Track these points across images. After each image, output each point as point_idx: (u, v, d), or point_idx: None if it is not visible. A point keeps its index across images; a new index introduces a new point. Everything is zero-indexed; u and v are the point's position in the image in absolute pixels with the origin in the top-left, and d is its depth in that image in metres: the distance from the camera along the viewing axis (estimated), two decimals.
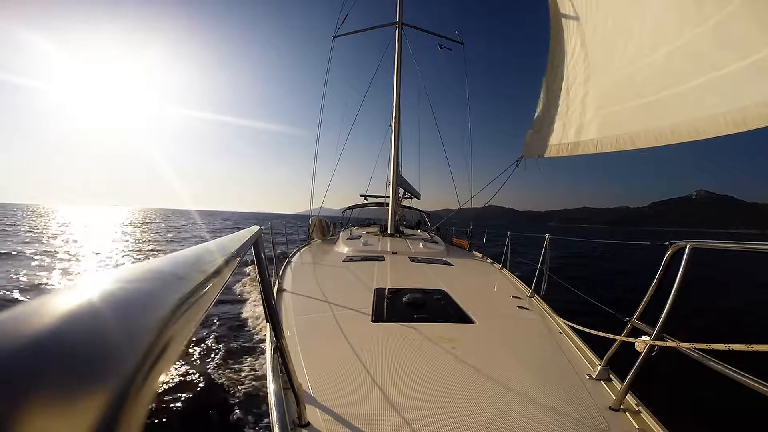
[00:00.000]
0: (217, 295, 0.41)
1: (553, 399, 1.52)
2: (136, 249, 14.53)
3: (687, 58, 2.26)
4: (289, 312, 2.47)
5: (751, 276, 12.69)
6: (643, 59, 2.58)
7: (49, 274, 8.27)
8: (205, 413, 2.84)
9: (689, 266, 1.34)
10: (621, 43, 2.81)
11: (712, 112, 2.09)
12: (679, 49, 2.30)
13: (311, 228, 7.25)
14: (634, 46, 2.68)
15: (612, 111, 2.89)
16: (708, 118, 2.11)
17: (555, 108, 3.50)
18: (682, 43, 2.29)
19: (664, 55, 2.40)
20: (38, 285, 7.14)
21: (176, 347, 0.23)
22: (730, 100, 1.99)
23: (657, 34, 2.49)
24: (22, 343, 0.14)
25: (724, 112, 2.01)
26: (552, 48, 3.60)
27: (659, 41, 2.46)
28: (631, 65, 2.69)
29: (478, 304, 2.79)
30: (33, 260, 9.81)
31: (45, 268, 9.04)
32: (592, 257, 17.02)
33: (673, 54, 2.35)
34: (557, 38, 3.51)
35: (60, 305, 0.18)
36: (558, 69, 3.50)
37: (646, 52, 2.56)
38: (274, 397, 1.29)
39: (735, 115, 1.95)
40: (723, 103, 2.03)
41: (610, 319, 2.02)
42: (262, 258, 1.10)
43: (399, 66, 7.78)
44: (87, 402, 0.14)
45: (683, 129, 2.26)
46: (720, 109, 2.04)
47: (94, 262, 10.77)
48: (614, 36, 2.89)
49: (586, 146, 3.13)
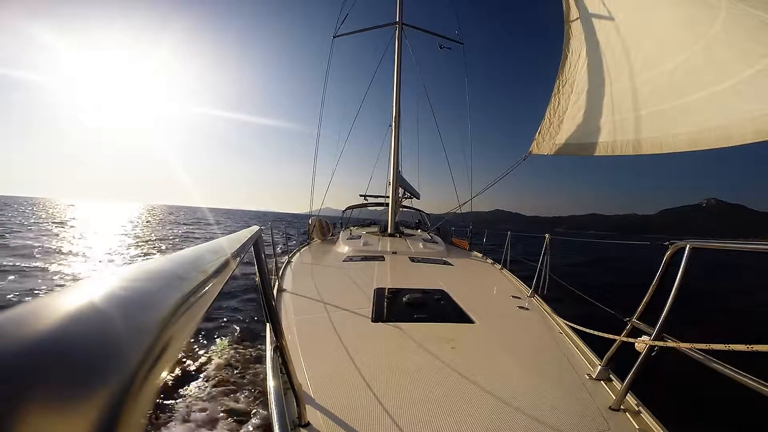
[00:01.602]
0: (217, 295, 0.41)
1: (553, 399, 1.52)
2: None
3: (686, 75, 2.48)
4: (289, 312, 2.47)
5: (752, 276, 12.69)
6: (651, 71, 2.77)
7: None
8: (205, 412, 2.84)
9: (689, 266, 1.34)
10: (632, 54, 2.97)
11: (703, 126, 2.33)
12: (680, 66, 2.52)
13: (311, 228, 7.24)
14: (643, 58, 2.87)
15: (620, 117, 3.02)
16: (700, 131, 2.35)
17: (566, 110, 3.58)
18: (681, 61, 2.50)
19: (668, 70, 2.60)
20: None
21: (176, 347, 0.23)
22: (718, 117, 2.23)
23: (662, 49, 2.68)
24: (23, 343, 0.14)
25: (715, 127, 2.25)
26: (565, 52, 3.67)
27: (664, 56, 2.65)
28: (640, 76, 2.87)
29: (477, 304, 2.79)
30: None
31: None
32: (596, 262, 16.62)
33: (675, 69, 2.55)
34: (570, 43, 3.59)
35: (60, 305, 0.18)
36: (571, 71, 3.58)
37: (653, 64, 2.75)
38: (274, 397, 1.29)
39: (724, 130, 2.20)
40: (712, 119, 2.27)
41: (610, 319, 2.03)
42: (262, 258, 1.10)
43: (399, 66, 7.78)
44: (88, 402, 0.14)
45: (682, 139, 2.48)
46: (710, 124, 2.29)
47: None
48: (626, 46, 3.04)
49: (593, 148, 3.23)
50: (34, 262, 8.37)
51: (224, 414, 2.75)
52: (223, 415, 2.73)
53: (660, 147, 2.64)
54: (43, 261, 8.55)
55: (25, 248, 10.24)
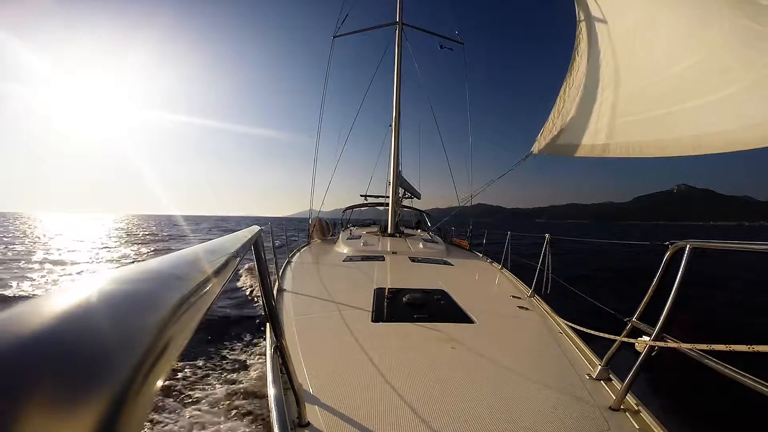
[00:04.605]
0: (217, 296, 0.41)
1: (553, 399, 1.52)
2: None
3: (691, 80, 2.47)
4: (289, 312, 2.47)
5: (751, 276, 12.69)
6: (659, 74, 2.75)
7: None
8: (205, 413, 2.84)
9: (689, 266, 1.34)
10: (639, 58, 2.97)
11: (712, 130, 2.31)
12: (686, 71, 2.51)
13: (311, 228, 7.24)
14: (650, 62, 2.86)
15: (624, 120, 3.02)
16: (705, 135, 2.34)
17: (570, 111, 3.58)
18: (687, 65, 2.50)
19: (675, 74, 2.60)
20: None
21: (176, 347, 0.23)
22: (723, 122, 2.23)
23: (669, 54, 2.68)
24: (23, 343, 0.14)
25: (722, 131, 2.24)
26: (575, 52, 3.67)
27: (671, 60, 2.64)
28: (645, 80, 2.87)
29: (477, 304, 2.79)
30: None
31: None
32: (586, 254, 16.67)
33: (681, 74, 2.55)
34: (581, 44, 3.59)
35: (60, 305, 0.18)
36: (578, 74, 3.58)
37: (660, 68, 2.74)
38: (274, 398, 1.29)
39: (730, 135, 2.19)
40: (717, 124, 2.27)
41: (610, 319, 2.02)
42: (262, 258, 1.10)
43: (399, 66, 7.78)
44: (87, 402, 0.14)
45: (687, 143, 2.47)
46: (715, 129, 2.28)
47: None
48: (633, 50, 3.03)
49: (598, 150, 3.23)
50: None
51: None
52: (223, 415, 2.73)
53: (663, 150, 2.63)
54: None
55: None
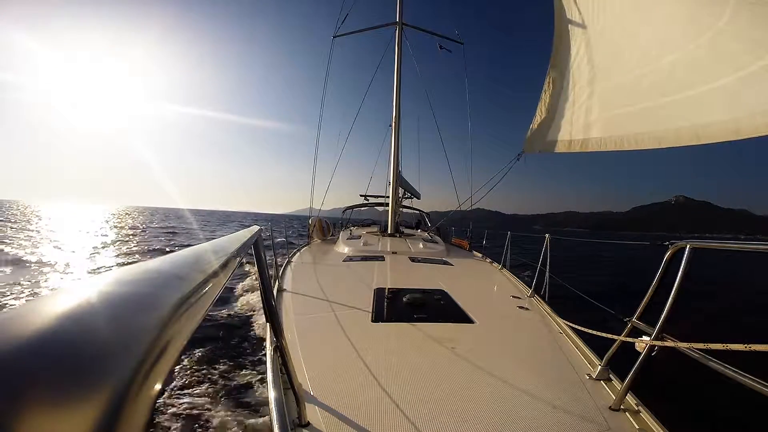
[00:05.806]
0: (217, 295, 0.41)
1: (553, 399, 1.52)
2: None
3: (688, 68, 2.40)
4: (289, 312, 2.47)
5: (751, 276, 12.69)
6: (648, 65, 2.68)
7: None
8: (205, 412, 2.84)
9: (689, 266, 1.34)
10: (627, 48, 2.90)
11: (709, 119, 2.24)
12: (682, 59, 2.43)
13: (311, 228, 7.24)
14: (640, 52, 2.78)
15: (616, 113, 2.97)
16: (705, 125, 2.26)
17: (557, 106, 3.54)
18: (684, 54, 2.42)
19: (669, 63, 2.52)
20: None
21: (176, 347, 0.23)
22: (725, 110, 2.14)
23: (662, 43, 2.60)
24: (23, 344, 0.14)
25: (723, 120, 2.16)
26: (555, 47, 3.62)
27: (664, 49, 2.57)
28: (637, 70, 2.79)
29: (477, 304, 2.79)
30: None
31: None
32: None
33: (676, 63, 2.48)
34: (561, 38, 3.54)
35: (61, 305, 0.18)
36: (561, 68, 3.54)
37: (651, 58, 2.67)
38: (274, 398, 1.29)
39: (732, 123, 2.10)
40: (719, 112, 2.18)
41: (610, 319, 2.02)
42: (262, 258, 1.10)
43: (399, 66, 7.78)
44: (88, 402, 0.14)
45: (684, 134, 2.40)
46: (716, 118, 2.20)
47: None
48: (621, 40, 2.98)
49: (588, 144, 3.19)
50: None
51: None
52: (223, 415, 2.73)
53: (659, 142, 2.57)
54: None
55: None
